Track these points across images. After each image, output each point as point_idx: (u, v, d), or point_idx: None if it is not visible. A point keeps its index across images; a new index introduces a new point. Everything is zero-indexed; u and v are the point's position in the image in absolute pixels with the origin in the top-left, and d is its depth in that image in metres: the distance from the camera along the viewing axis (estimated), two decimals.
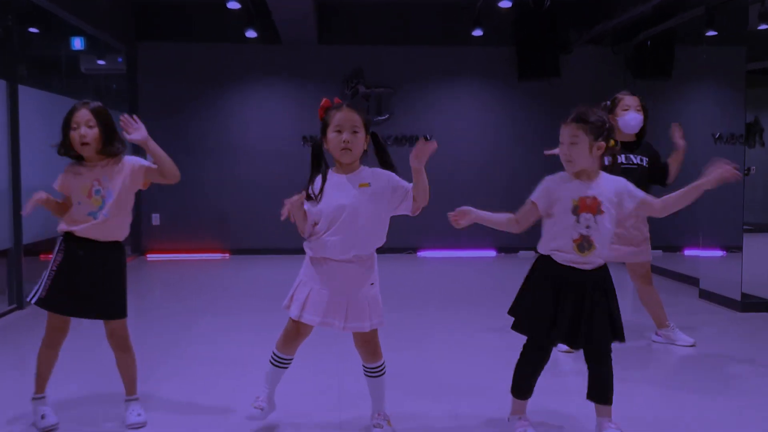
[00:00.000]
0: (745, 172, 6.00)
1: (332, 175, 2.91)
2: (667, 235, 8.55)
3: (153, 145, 3.03)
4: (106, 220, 3.01)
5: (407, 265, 8.61)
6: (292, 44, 9.09)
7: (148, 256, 9.11)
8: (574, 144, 2.78)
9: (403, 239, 9.34)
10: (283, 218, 2.78)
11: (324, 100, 2.96)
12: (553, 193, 2.81)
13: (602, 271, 2.81)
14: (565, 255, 2.76)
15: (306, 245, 2.92)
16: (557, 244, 2.79)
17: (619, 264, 4.26)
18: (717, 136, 7.35)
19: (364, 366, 3.01)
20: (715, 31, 7.34)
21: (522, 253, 9.21)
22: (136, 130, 3.01)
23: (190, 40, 9.14)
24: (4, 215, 5.65)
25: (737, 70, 6.07)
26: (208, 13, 8.96)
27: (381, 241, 2.94)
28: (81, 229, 3.01)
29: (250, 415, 3.02)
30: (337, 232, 2.82)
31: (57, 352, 3.16)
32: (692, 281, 6.50)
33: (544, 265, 2.83)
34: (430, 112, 9.38)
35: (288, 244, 8.12)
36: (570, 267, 2.76)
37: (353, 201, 2.83)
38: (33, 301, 3.07)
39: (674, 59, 8.86)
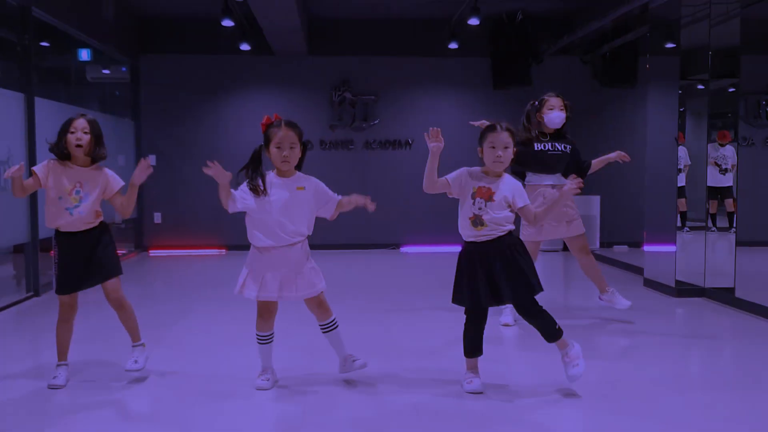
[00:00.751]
0: (682, 168, 6.67)
1: (274, 177, 3.63)
2: (632, 232, 9.25)
3: (136, 190, 3.84)
4: (80, 217, 3.74)
5: (390, 260, 9.29)
6: (284, 55, 9.80)
7: (150, 251, 9.82)
8: (507, 149, 3.51)
9: (387, 235, 10.04)
10: (205, 171, 3.51)
11: (265, 117, 3.64)
12: (465, 182, 3.58)
13: (504, 241, 3.51)
14: (467, 231, 3.54)
15: (253, 238, 3.64)
16: (461, 223, 3.58)
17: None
18: (676, 137, 7.99)
19: (320, 325, 3.76)
20: (673, 43, 8.00)
21: None
22: (141, 176, 3.81)
23: (189, 53, 9.86)
24: (23, 214, 6.36)
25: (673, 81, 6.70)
26: (205, 28, 9.66)
27: (311, 229, 3.71)
28: (63, 226, 3.75)
29: (258, 386, 3.69)
30: (282, 224, 3.57)
31: (71, 325, 3.87)
32: (640, 271, 7.18)
33: (462, 247, 3.61)
34: (412, 118, 10.07)
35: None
36: (473, 241, 3.53)
37: (294, 199, 3.60)
38: (56, 292, 3.82)
39: (637, 68, 9.52)
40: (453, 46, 9.52)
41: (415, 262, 9.25)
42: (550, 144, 5.08)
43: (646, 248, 7.06)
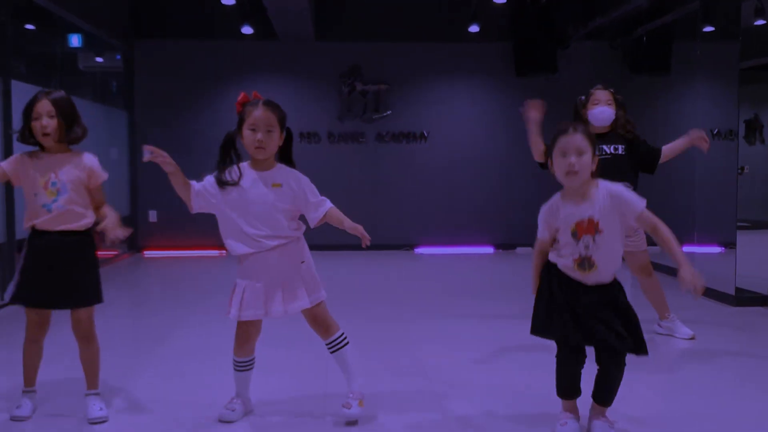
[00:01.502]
0: (739, 171, 5.98)
1: (247, 170, 2.94)
2: (678, 234, 8.56)
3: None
4: (60, 213, 3.03)
5: (405, 262, 8.61)
6: (289, 40, 9.10)
7: (145, 252, 9.13)
8: (582, 154, 2.68)
9: (401, 236, 9.35)
10: (146, 159, 2.84)
11: (241, 94, 2.98)
12: (552, 222, 2.80)
13: (608, 290, 2.76)
14: (569, 273, 2.75)
15: (228, 246, 2.96)
16: (562, 262, 2.78)
17: None
18: (715, 132, 7.32)
19: (325, 344, 3.06)
20: (711, 26, 7.32)
21: (519, 249, 9.20)
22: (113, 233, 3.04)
23: (187, 38, 9.16)
24: None
25: (733, 66, 6.04)
26: (205, 10, 8.98)
27: (298, 227, 3.00)
28: (39, 223, 3.04)
29: (221, 416, 3.03)
30: (253, 227, 2.89)
31: (40, 346, 3.16)
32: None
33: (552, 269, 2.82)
34: (428, 109, 9.38)
35: None
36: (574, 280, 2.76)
37: (266, 198, 2.89)
38: (8, 299, 3.10)
39: (672, 54, 8.85)
40: (474, 29, 8.82)
41: (431, 264, 8.55)
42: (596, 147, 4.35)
43: (696, 249, 6.39)
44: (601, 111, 4.37)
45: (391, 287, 6.91)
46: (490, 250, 9.36)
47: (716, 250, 6.32)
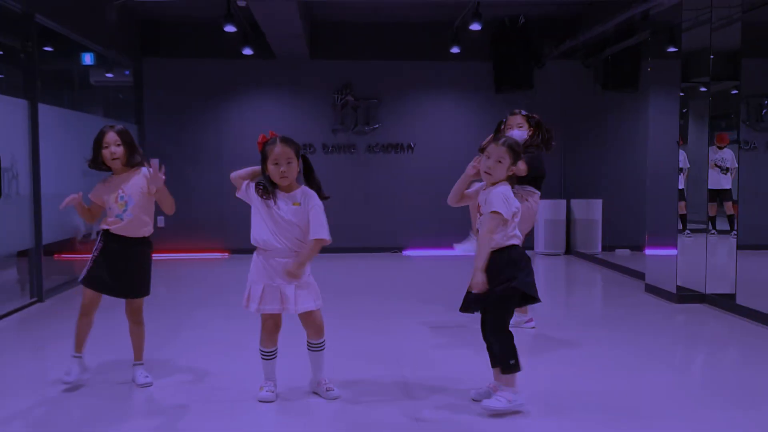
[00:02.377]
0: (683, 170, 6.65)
1: (278, 193, 3.65)
2: (633, 236, 9.25)
3: (162, 189, 3.87)
4: (130, 220, 3.86)
5: (393, 263, 9.32)
6: (286, 59, 9.82)
7: (153, 255, 9.82)
8: (500, 163, 3.48)
9: (390, 239, 10.08)
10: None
11: (261, 135, 3.65)
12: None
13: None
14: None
15: (254, 239, 3.70)
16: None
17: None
18: (678, 140, 8.00)
19: (309, 342, 3.76)
20: (675, 47, 7.99)
21: None
22: (155, 181, 3.83)
23: (192, 56, 9.89)
24: (27, 219, 6.39)
25: (676, 85, 6.69)
26: (208, 32, 9.67)
27: (299, 246, 3.63)
28: (113, 229, 3.87)
29: (260, 398, 3.70)
30: (271, 233, 3.60)
31: (91, 320, 3.95)
32: (642, 276, 7.19)
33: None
34: (414, 122, 10.11)
35: None
36: None
37: (288, 213, 3.60)
38: (80, 280, 3.91)
39: (640, 73, 9.54)
40: (455, 50, 9.53)
41: (419, 265, 9.27)
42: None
43: (648, 252, 7.07)
44: (513, 134, 4.95)
45: (379, 285, 7.63)
46: (472, 252, 10.05)
47: (666, 252, 6.84)
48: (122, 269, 3.86)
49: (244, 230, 3.81)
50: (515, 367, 3.47)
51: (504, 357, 3.47)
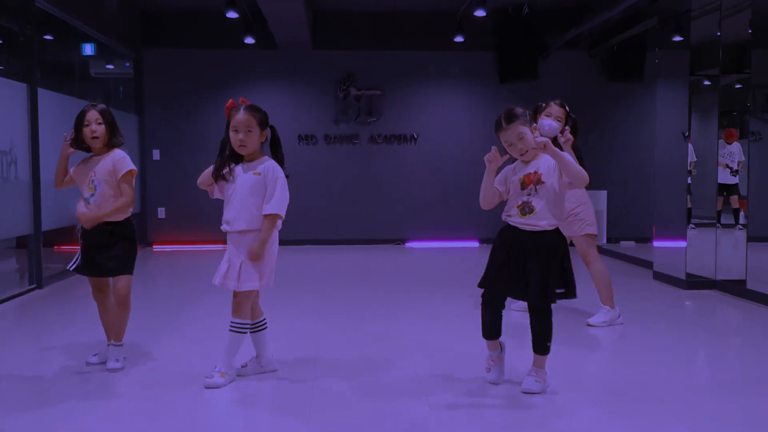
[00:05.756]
0: (689, 170, 6.54)
1: (238, 168, 3.55)
2: (639, 228, 9.17)
3: (101, 216, 3.72)
4: (97, 206, 3.73)
5: (395, 255, 9.22)
6: (288, 49, 9.73)
7: (154, 247, 9.77)
8: (522, 139, 3.32)
9: (392, 231, 9.98)
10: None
11: (229, 101, 3.55)
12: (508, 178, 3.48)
13: (547, 236, 3.33)
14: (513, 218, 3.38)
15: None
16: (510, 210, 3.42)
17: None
18: (686, 134, 7.92)
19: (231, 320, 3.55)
20: (680, 36, 7.89)
21: None
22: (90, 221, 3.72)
23: (193, 46, 9.80)
24: (26, 204, 6.29)
25: (684, 78, 6.59)
26: (209, 21, 9.62)
27: (259, 219, 3.47)
28: (80, 215, 3.76)
29: (237, 371, 3.63)
30: (230, 209, 3.50)
31: (106, 307, 3.86)
32: (649, 265, 7.10)
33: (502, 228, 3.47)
34: (418, 113, 10.02)
35: (284, 235, 8.73)
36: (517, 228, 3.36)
37: (246, 183, 3.49)
38: (71, 269, 3.82)
39: (645, 62, 9.45)
40: (459, 39, 9.44)
41: (421, 257, 9.17)
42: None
43: (656, 243, 6.97)
44: (549, 123, 4.70)
45: (380, 276, 7.53)
46: (475, 244, 9.99)
47: (673, 244, 6.75)
48: (102, 248, 3.74)
49: None
50: (549, 350, 3.42)
51: (547, 338, 3.39)
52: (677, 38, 7.50)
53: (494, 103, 9.98)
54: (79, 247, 3.82)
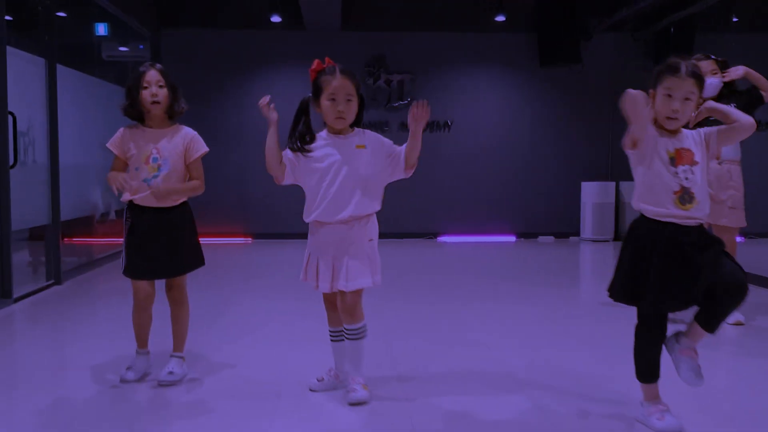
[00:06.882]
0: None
1: (325, 136, 2.95)
2: None
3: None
4: (159, 190, 3.11)
5: (428, 250, 8.67)
6: (316, 30, 9.15)
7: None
8: (688, 100, 2.59)
9: (423, 224, 9.43)
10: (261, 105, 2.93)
11: (316, 61, 2.95)
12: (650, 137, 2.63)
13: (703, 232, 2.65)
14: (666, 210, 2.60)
15: (305, 213, 2.98)
16: (655, 199, 2.62)
17: None
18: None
19: (345, 328, 2.98)
20: (737, 17, 7.37)
21: (541, 238, 9.28)
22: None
23: (214, 26, 9.21)
24: (44, 192, 5.71)
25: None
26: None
27: (377, 204, 2.98)
28: (138, 198, 3.13)
29: (311, 385, 3.09)
30: (330, 191, 2.88)
31: (149, 314, 3.26)
32: None
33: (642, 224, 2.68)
34: (451, 98, 9.43)
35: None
36: (672, 224, 2.60)
37: (350, 159, 2.89)
38: (122, 272, 3.20)
39: (694, 46, 8.90)
40: (500, 18, 8.88)
41: (454, 252, 8.62)
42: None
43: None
44: (710, 83, 4.03)
45: (415, 274, 6.98)
46: (512, 238, 9.44)
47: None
48: (164, 243, 3.14)
49: (270, 213, 3.14)
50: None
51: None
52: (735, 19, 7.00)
53: (533, 89, 9.43)
54: (122, 242, 3.21)
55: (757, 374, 3.43)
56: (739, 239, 5.05)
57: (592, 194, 9.09)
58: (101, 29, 8.27)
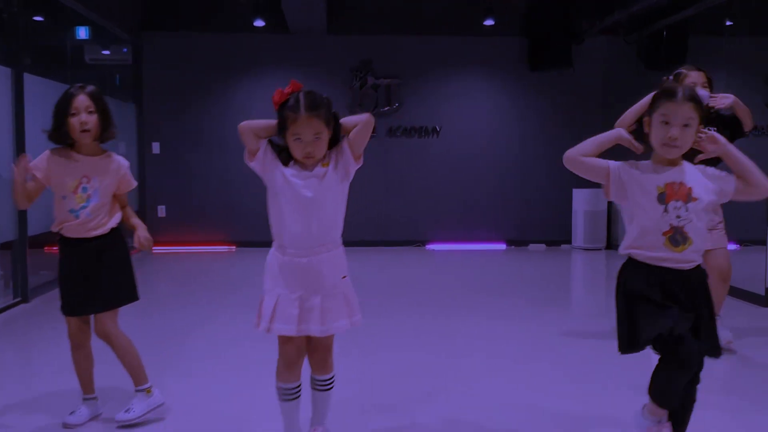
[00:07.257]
0: None
1: (293, 164, 2.56)
2: None
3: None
4: (88, 220, 2.92)
5: (416, 258, 8.48)
6: (301, 34, 8.94)
7: (153, 248, 8.97)
8: (687, 126, 2.37)
9: (412, 232, 9.23)
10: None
11: (277, 91, 2.52)
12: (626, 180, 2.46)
13: (700, 274, 2.46)
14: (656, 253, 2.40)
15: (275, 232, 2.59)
16: (645, 240, 2.41)
17: None
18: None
19: (317, 380, 2.68)
20: (730, 21, 7.17)
21: (532, 246, 9.09)
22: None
23: (197, 30, 9.00)
24: (9, 207, 5.51)
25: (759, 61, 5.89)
26: (215, 2, 8.82)
27: (340, 230, 2.62)
28: (66, 229, 2.93)
29: None
30: (296, 222, 2.53)
31: (86, 353, 3.05)
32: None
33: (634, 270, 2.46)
34: (439, 103, 9.23)
35: None
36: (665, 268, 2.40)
37: (312, 187, 2.52)
38: (60, 310, 3.00)
39: (687, 50, 8.71)
40: (489, 22, 8.67)
41: (443, 260, 8.42)
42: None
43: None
44: (702, 93, 3.96)
45: (403, 284, 6.78)
46: (502, 246, 9.24)
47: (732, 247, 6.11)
48: (88, 276, 2.92)
49: (253, 220, 2.91)
50: None
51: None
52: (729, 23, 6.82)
53: (524, 93, 9.23)
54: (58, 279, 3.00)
55: None
56: (734, 246, 4.91)
57: (584, 201, 8.89)
58: (82, 33, 8.08)
